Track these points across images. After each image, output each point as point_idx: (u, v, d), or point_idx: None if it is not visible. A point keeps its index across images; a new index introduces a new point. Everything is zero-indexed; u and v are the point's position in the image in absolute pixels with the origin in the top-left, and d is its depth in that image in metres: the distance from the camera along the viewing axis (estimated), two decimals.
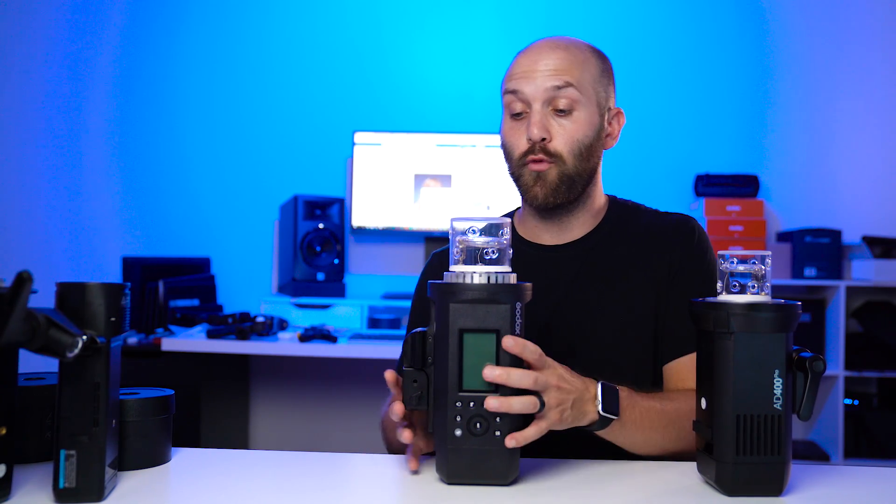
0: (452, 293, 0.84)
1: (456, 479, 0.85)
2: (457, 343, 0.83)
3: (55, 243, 3.26)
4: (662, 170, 3.16)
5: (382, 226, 2.71)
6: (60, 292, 0.78)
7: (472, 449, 0.83)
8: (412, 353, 0.87)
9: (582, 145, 1.14)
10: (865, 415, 2.87)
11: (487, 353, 0.83)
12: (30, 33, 3.31)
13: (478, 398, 0.83)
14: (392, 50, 3.25)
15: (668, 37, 3.20)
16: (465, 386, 0.83)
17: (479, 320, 0.83)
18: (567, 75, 1.12)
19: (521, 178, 1.18)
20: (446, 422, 0.84)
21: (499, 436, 0.83)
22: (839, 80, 3.19)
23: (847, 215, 3.12)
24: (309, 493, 0.84)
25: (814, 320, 2.92)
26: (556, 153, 1.13)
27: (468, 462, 0.84)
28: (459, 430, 0.83)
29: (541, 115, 1.13)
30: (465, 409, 0.83)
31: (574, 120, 1.13)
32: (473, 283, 0.84)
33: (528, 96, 1.13)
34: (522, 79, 1.14)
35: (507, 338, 0.83)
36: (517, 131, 1.16)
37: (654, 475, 0.94)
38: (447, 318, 0.84)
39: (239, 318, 2.40)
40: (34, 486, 0.83)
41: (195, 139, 3.28)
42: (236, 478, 0.90)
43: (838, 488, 0.89)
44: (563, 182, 1.14)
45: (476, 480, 0.85)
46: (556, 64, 1.13)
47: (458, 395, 0.83)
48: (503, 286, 0.84)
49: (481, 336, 0.83)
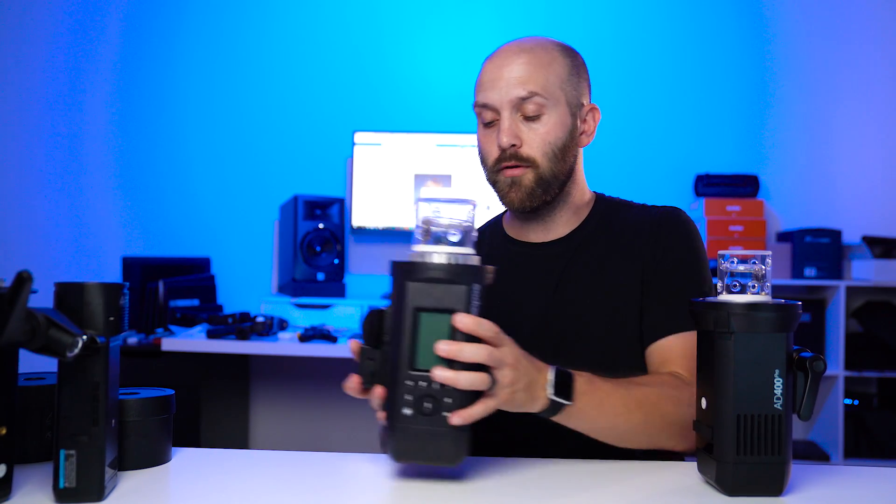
0: (410, 272, 0.83)
1: (403, 457, 0.85)
2: (411, 322, 0.83)
3: (55, 243, 3.26)
4: (662, 170, 3.16)
5: (382, 226, 2.71)
6: (59, 292, 0.78)
7: (420, 429, 0.82)
8: (369, 331, 0.87)
9: (555, 147, 1.14)
10: (865, 415, 2.87)
11: (442, 333, 0.82)
12: (30, 33, 3.31)
13: (429, 378, 0.82)
14: (392, 50, 3.25)
15: (668, 37, 3.20)
16: (417, 365, 0.83)
17: (436, 300, 0.83)
18: (531, 84, 1.12)
19: (496, 183, 1.18)
20: (396, 400, 0.83)
21: (447, 417, 0.82)
22: (839, 80, 3.19)
23: (847, 215, 3.12)
24: (309, 493, 0.84)
25: (814, 320, 2.92)
26: (529, 158, 1.13)
27: (416, 442, 0.83)
28: (409, 410, 0.82)
29: (510, 122, 1.13)
30: (416, 389, 0.82)
31: (544, 124, 1.13)
32: (432, 262, 0.84)
33: (496, 105, 1.14)
34: (489, 89, 1.14)
35: (460, 315, 0.82)
36: (489, 138, 1.17)
37: (655, 475, 0.94)
38: (404, 297, 0.83)
39: (239, 318, 2.40)
40: (34, 486, 0.83)
41: (195, 139, 3.28)
42: (236, 478, 0.90)
43: (838, 488, 0.89)
44: (538, 185, 1.14)
45: (424, 460, 0.85)
46: (521, 71, 1.12)
47: (408, 373, 0.82)
48: (461, 267, 0.83)
49: (436, 316, 0.83)
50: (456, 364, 0.82)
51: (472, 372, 0.82)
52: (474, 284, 0.83)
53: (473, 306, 0.83)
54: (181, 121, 3.28)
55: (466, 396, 0.82)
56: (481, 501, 0.82)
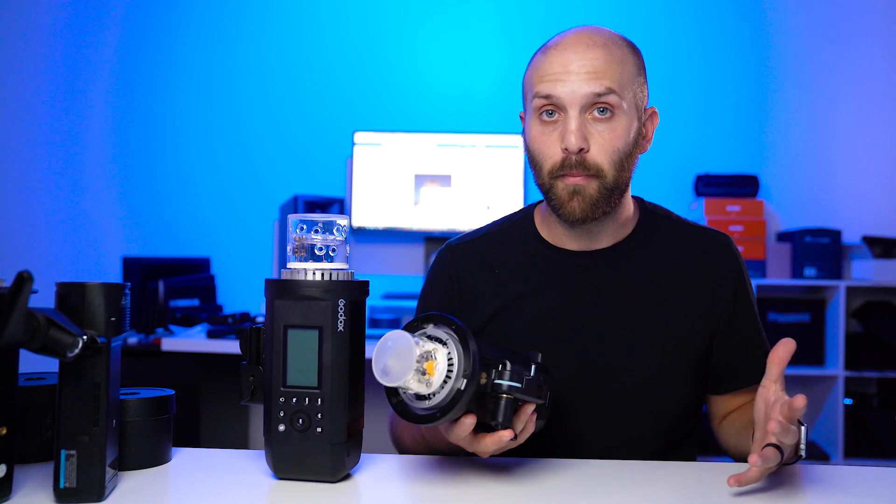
0: (279, 289, 0.85)
1: (282, 473, 0.87)
2: (281, 339, 0.84)
3: (55, 243, 3.26)
4: (662, 170, 3.16)
5: (382, 226, 2.71)
6: (60, 292, 0.78)
7: (294, 444, 0.84)
8: (246, 348, 0.89)
9: (622, 154, 1.03)
10: (865, 415, 2.87)
11: (310, 350, 0.84)
12: (30, 33, 3.31)
13: (300, 394, 0.84)
14: (392, 50, 3.25)
15: (668, 37, 3.20)
16: (289, 382, 0.84)
17: (302, 317, 0.84)
18: (606, 80, 1.00)
19: (553, 190, 1.04)
20: (271, 417, 0.85)
21: (320, 432, 0.83)
22: (839, 80, 3.19)
23: (847, 215, 3.12)
24: (309, 493, 0.84)
25: (814, 320, 2.92)
26: (596, 166, 1.01)
27: (292, 457, 0.85)
28: (283, 426, 0.84)
29: (578, 122, 1.00)
30: (288, 405, 0.84)
31: (613, 128, 1.02)
32: (298, 279, 0.85)
33: (564, 101, 1.01)
34: (557, 81, 1.01)
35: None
36: (550, 138, 1.03)
37: (655, 475, 0.94)
38: (272, 314, 0.85)
39: (239, 318, 2.40)
40: (34, 486, 0.83)
41: (195, 139, 3.28)
42: (236, 478, 0.89)
43: (838, 488, 0.88)
44: (602, 196, 1.02)
45: (301, 476, 0.86)
46: (595, 65, 1.01)
47: (280, 390, 0.84)
48: (326, 283, 0.84)
49: (304, 332, 0.84)
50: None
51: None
52: (339, 300, 0.84)
53: (340, 321, 0.84)
54: (181, 121, 3.28)
55: (338, 413, 0.84)
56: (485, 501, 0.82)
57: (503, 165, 2.67)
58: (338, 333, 0.84)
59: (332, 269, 0.86)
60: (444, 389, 0.77)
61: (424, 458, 1.00)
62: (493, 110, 3.16)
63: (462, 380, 0.76)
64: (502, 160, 2.68)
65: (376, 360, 0.76)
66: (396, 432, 1.15)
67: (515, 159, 2.67)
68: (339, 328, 0.84)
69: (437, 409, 0.78)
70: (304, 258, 0.88)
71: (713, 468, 0.94)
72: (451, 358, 0.77)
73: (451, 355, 0.77)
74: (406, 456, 1.03)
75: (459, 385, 0.76)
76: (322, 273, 0.85)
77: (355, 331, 0.86)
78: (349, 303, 0.85)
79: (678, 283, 1.10)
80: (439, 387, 0.77)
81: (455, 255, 1.17)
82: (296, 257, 0.88)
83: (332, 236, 0.88)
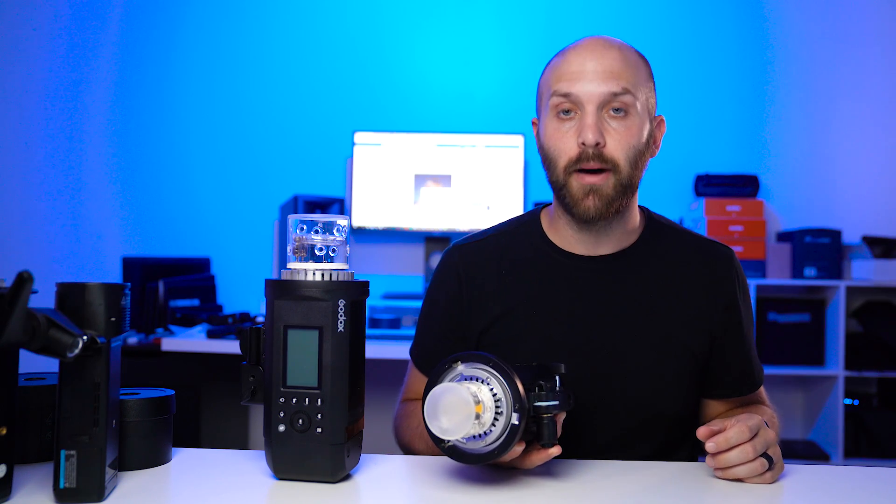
0: (279, 290, 0.85)
1: (282, 473, 0.87)
2: (281, 339, 0.85)
3: (55, 243, 3.26)
4: (662, 170, 3.15)
5: (382, 226, 2.71)
6: (60, 292, 0.78)
7: (294, 445, 0.84)
8: (248, 349, 0.89)
9: (636, 150, 1.06)
10: (865, 415, 2.87)
11: (310, 350, 0.84)
12: (30, 33, 3.31)
13: (300, 394, 0.84)
14: (392, 50, 3.25)
15: (667, 37, 3.20)
16: (289, 382, 0.84)
17: (302, 317, 0.84)
18: (623, 80, 1.04)
19: (567, 187, 1.06)
20: (271, 417, 0.85)
21: (320, 433, 0.84)
22: (839, 80, 3.19)
23: (847, 215, 3.12)
24: (309, 494, 0.84)
25: (814, 320, 2.92)
26: (612, 159, 1.04)
27: (292, 457, 0.85)
28: (283, 426, 0.85)
29: (595, 118, 1.04)
30: (288, 406, 0.84)
31: (628, 126, 1.05)
32: (298, 279, 0.85)
33: (582, 99, 1.04)
34: (576, 79, 1.04)
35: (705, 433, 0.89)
36: (565, 134, 1.06)
37: (655, 475, 0.94)
38: (272, 315, 0.85)
39: (239, 318, 2.40)
40: (34, 486, 0.83)
41: (195, 139, 3.28)
42: (236, 478, 0.89)
43: (838, 488, 0.88)
44: (618, 193, 1.05)
45: (301, 476, 0.86)
46: (612, 66, 1.04)
47: (280, 390, 0.85)
48: (326, 283, 0.84)
49: (304, 332, 0.84)
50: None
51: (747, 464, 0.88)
52: (340, 300, 0.84)
53: (340, 322, 0.84)
54: (181, 121, 3.28)
55: (338, 413, 0.84)
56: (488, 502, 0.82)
57: (503, 165, 2.67)
58: (338, 334, 0.84)
59: (332, 269, 0.86)
60: (498, 427, 0.79)
61: (424, 458, 1.00)
62: (493, 110, 3.16)
63: (514, 414, 0.79)
64: (502, 160, 2.68)
65: (430, 420, 0.78)
66: (405, 438, 1.15)
67: (515, 159, 2.67)
68: (340, 328, 0.84)
69: (494, 448, 0.80)
70: (305, 258, 0.88)
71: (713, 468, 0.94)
72: (495, 393, 0.80)
73: (495, 391, 0.80)
74: (406, 456, 1.03)
75: (513, 420, 0.79)
76: (322, 273, 0.85)
77: (355, 331, 0.86)
78: (349, 303, 0.85)
79: (680, 290, 1.12)
80: (490, 425, 0.79)
81: (462, 254, 1.19)
82: (296, 257, 0.88)
83: (332, 236, 0.88)
